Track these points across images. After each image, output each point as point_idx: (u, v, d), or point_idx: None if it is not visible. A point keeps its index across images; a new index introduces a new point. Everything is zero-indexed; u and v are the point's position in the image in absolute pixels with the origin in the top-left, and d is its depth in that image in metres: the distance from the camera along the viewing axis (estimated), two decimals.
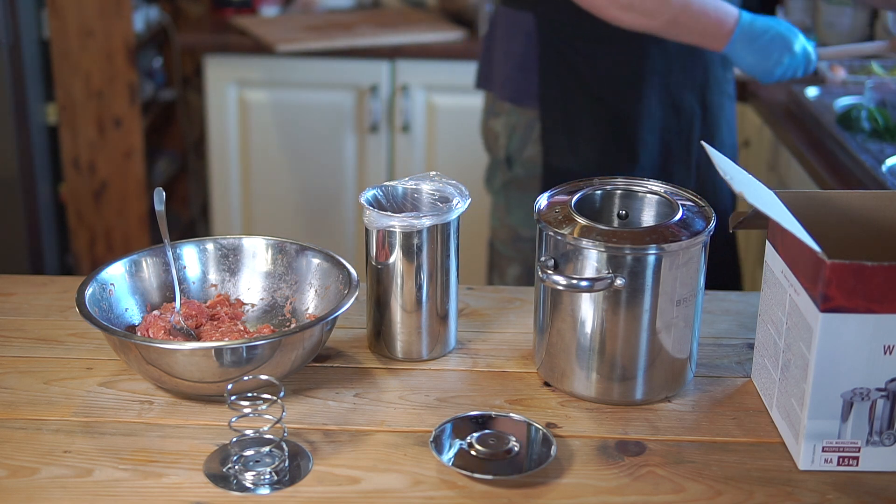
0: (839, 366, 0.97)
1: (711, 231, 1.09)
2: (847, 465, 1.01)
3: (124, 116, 2.97)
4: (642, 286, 1.06)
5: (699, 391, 1.15)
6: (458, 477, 0.99)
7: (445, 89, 2.93)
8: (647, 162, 1.79)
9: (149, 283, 1.21)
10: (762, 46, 1.67)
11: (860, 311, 0.95)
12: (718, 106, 1.85)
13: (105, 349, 1.20)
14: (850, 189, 1.82)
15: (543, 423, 1.07)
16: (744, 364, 1.20)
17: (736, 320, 1.30)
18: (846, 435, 1.00)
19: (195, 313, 1.18)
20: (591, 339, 1.10)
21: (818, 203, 1.12)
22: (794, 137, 2.15)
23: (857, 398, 0.98)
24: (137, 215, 3.06)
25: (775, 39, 1.67)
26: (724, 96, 1.86)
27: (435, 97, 2.94)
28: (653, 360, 1.10)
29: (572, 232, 1.07)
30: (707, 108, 1.83)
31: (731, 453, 1.04)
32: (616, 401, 1.12)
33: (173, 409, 1.09)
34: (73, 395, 1.12)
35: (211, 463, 1.01)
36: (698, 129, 1.82)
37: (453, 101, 2.92)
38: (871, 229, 1.13)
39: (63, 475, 0.99)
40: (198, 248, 1.24)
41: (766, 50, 1.67)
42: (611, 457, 1.03)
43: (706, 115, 1.83)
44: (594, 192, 1.17)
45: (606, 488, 0.98)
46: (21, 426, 1.06)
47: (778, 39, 1.67)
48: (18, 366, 1.18)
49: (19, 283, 1.38)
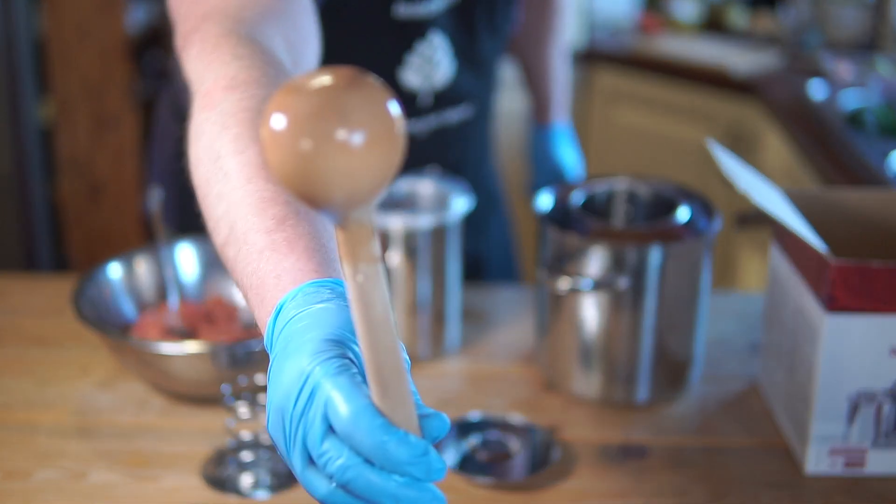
0: (845, 367, 0.96)
1: (716, 231, 1.08)
2: (853, 468, 0.99)
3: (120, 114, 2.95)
4: (646, 286, 1.05)
5: (703, 393, 1.14)
6: (458, 481, 0.98)
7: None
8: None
9: (144, 284, 1.20)
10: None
11: (866, 312, 0.94)
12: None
13: (100, 350, 1.19)
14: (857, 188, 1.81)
15: (545, 426, 1.06)
16: (749, 366, 1.19)
17: (741, 321, 1.28)
18: (852, 438, 0.98)
19: (191, 314, 1.17)
20: (594, 340, 1.09)
21: (825, 202, 1.11)
22: (801, 135, 2.14)
23: (863, 400, 0.97)
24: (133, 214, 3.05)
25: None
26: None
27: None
28: (656, 362, 1.09)
29: (574, 232, 1.06)
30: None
31: (735, 456, 1.03)
32: (619, 403, 1.11)
33: (170, 411, 1.08)
34: (69, 397, 1.11)
35: (208, 466, 0.99)
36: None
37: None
38: (879, 229, 1.12)
39: (58, 478, 0.98)
40: (194, 247, 1.23)
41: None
42: (614, 460, 1.02)
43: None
44: (596, 192, 1.16)
45: (609, 492, 0.97)
46: (15, 428, 1.05)
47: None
48: (13, 367, 1.17)
49: (14, 282, 1.37)
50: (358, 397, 0.54)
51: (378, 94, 0.50)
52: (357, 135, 0.49)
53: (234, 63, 0.82)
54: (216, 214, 0.75)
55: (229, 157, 0.75)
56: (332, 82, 0.50)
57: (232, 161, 0.74)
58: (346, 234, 0.52)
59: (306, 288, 0.62)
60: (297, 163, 0.49)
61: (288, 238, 0.68)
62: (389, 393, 0.55)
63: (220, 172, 0.75)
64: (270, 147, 0.50)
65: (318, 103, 0.49)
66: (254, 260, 0.68)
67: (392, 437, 0.54)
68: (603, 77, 2.94)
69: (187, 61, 0.88)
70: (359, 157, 0.49)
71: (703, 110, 2.71)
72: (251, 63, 0.82)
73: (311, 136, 0.49)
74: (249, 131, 0.75)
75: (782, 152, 2.34)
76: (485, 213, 1.45)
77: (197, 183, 0.79)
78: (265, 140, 0.50)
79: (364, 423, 0.54)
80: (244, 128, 0.76)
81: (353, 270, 0.53)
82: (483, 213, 1.44)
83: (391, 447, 0.54)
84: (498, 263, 1.54)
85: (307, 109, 0.49)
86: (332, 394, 0.55)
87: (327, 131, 0.49)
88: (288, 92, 0.50)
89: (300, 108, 0.49)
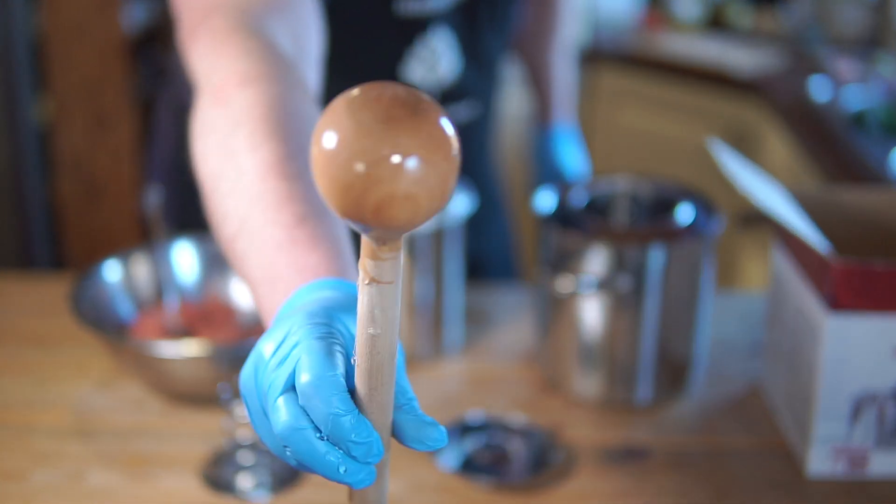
0: (847, 368, 0.95)
1: (718, 231, 1.08)
2: (856, 469, 0.99)
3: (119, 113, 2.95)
4: (647, 287, 1.05)
5: (705, 394, 1.13)
6: (459, 482, 0.97)
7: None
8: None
9: (143, 283, 1.20)
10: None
11: (868, 313, 0.93)
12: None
13: (98, 350, 1.18)
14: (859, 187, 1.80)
15: (546, 427, 1.05)
16: (750, 366, 1.18)
17: (743, 321, 1.28)
18: (855, 438, 0.98)
19: (190, 314, 1.17)
20: (595, 340, 1.08)
21: (828, 201, 1.10)
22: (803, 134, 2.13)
23: (865, 400, 0.96)
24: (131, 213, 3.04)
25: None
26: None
27: None
28: (658, 362, 1.08)
29: (575, 231, 1.06)
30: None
31: (737, 457, 1.02)
32: (620, 403, 1.10)
33: (168, 411, 1.08)
34: (67, 398, 1.10)
35: (207, 467, 0.99)
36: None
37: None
38: (881, 228, 1.11)
39: (56, 479, 0.97)
40: (192, 247, 1.23)
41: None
42: (615, 461, 1.01)
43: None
44: (598, 191, 1.16)
45: (610, 493, 0.97)
46: (13, 429, 1.05)
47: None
48: (10, 367, 1.16)
49: (11, 282, 1.37)
50: (327, 366, 0.55)
51: (433, 114, 0.48)
52: (411, 159, 0.47)
53: (245, 58, 0.81)
54: (225, 209, 0.74)
55: (244, 153, 0.74)
56: (389, 101, 0.48)
57: (247, 158, 0.74)
58: (375, 250, 0.51)
59: (326, 283, 0.63)
60: (348, 185, 0.47)
61: (310, 236, 0.67)
62: (372, 398, 0.55)
63: (233, 169, 0.74)
64: (321, 165, 0.48)
65: (374, 124, 0.47)
66: (271, 253, 0.68)
67: (347, 412, 0.54)
68: (605, 76, 2.93)
69: (193, 55, 0.87)
70: (412, 183, 0.47)
71: (704, 109, 2.70)
72: (262, 58, 0.82)
73: (364, 160, 0.47)
74: (263, 129, 0.75)
75: (785, 151, 2.34)
76: (485, 213, 1.44)
77: (204, 178, 0.78)
78: (315, 158, 0.48)
79: (325, 390, 0.54)
80: (258, 126, 0.75)
81: (368, 282, 0.52)
82: (483, 213, 1.43)
83: (343, 420, 0.54)
84: (498, 263, 1.53)
85: (361, 130, 0.47)
86: (304, 355, 0.55)
87: (381, 154, 0.47)
88: (341, 109, 0.48)
89: (353, 127, 0.47)
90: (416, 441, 0.57)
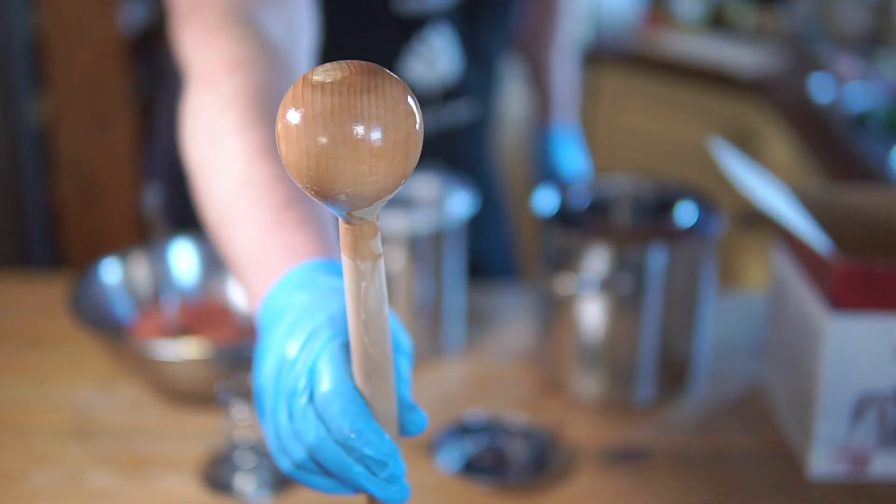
0: (849, 368, 0.95)
1: (719, 231, 1.08)
2: (857, 470, 0.99)
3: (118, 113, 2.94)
4: (648, 287, 1.04)
5: (706, 394, 1.13)
6: (459, 483, 0.97)
7: None
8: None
9: (142, 283, 1.19)
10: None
11: (870, 313, 0.93)
12: None
13: (97, 350, 1.18)
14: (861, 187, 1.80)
15: (547, 427, 1.05)
16: (752, 366, 1.18)
17: (744, 322, 1.28)
18: (856, 439, 0.97)
19: (189, 313, 1.16)
20: (596, 340, 1.08)
21: (829, 201, 1.10)
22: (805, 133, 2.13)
23: (867, 401, 0.96)
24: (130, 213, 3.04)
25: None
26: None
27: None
28: (658, 362, 1.08)
29: (576, 231, 1.05)
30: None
31: (738, 458, 1.02)
32: (621, 404, 1.10)
33: (167, 411, 1.07)
34: (65, 398, 1.10)
35: (206, 468, 0.99)
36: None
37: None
38: (882, 228, 1.11)
39: (54, 480, 0.97)
40: (191, 247, 1.22)
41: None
42: (615, 461, 1.01)
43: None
44: (599, 191, 1.15)
45: (611, 494, 0.96)
46: (11, 429, 1.04)
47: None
48: (9, 367, 1.16)
49: (10, 282, 1.36)
50: (345, 378, 0.55)
51: (396, 90, 0.49)
52: (374, 132, 0.48)
53: (234, 45, 0.82)
54: (212, 190, 0.74)
55: (231, 137, 0.74)
56: (350, 77, 0.48)
57: (233, 142, 0.74)
58: (350, 228, 0.52)
59: (318, 264, 0.63)
60: (312, 159, 0.48)
61: (298, 218, 0.68)
62: (371, 384, 0.56)
63: (219, 152, 0.75)
64: (286, 140, 0.49)
65: (337, 99, 0.48)
66: (260, 234, 0.68)
67: (366, 427, 0.55)
68: (606, 76, 2.93)
69: (184, 42, 0.87)
70: (375, 155, 0.48)
71: (706, 109, 2.70)
72: (251, 46, 0.82)
73: (327, 133, 0.47)
74: (251, 113, 0.75)
75: (786, 150, 2.33)
76: (485, 213, 1.44)
77: (191, 160, 0.79)
78: (280, 132, 0.49)
79: (340, 403, 0.55)
80: (246, 110, 0.76)
81: (352, 264, 0.52)
82: (483, 213, 1.43)
83: (360, 436, 0.55)
84: (498, 263, 1.53)
85: (324, 105, 0.48)
86: (322, 366, 0.56)
87: (344, 129, 0.47)
88: (305, 85, 0.48)
89: (317, 102, 0.48)
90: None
